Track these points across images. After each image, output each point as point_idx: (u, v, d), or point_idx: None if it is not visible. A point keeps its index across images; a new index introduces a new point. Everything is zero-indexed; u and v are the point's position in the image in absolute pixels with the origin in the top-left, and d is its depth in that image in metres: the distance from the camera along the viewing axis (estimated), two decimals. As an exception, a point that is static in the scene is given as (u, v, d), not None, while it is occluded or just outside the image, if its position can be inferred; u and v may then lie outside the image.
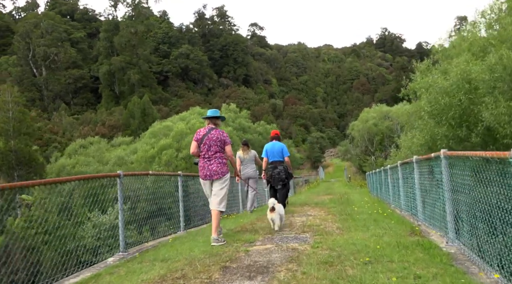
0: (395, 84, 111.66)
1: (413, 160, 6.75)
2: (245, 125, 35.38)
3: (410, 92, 13.57)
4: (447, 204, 4.72)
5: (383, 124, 46.97)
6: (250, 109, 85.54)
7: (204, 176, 5.58)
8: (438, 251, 4.26)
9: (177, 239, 6.24)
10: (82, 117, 73.96)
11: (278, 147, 8.40)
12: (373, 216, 7.24)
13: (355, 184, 36.22)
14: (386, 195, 11.46)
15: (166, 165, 25.12)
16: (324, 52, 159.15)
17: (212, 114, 5.82)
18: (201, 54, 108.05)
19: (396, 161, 13.41)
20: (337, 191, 20.94)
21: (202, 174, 5.58)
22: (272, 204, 6.12)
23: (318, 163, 68.01)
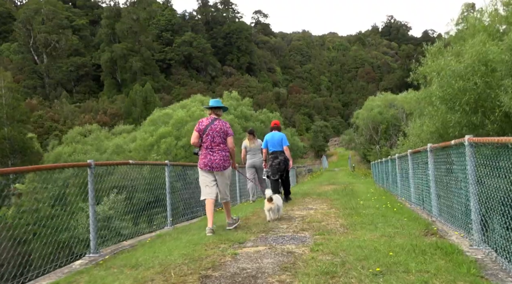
0: (401, 73, 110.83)
1: (427, 149, 5.99)
2: (247, 113, 34.55)
3: (419, 76, 12.71)
4: (472, 200, 3.97)
5: (388, 113, 45.91)
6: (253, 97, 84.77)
7: (204, 165, 5.46)
8: (463, 257, 3.53)
9: (161, 236, 5.54)
10: (83, 105, 73.36)
11: (278, 137, 8.41)
12: (381, 210, 6.51)
13: (359, 174, 35.47)
14: (394, 187, 10.72)
15: (165, 153, 24.42)
16: (329, 40, 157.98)
17: (214, 104, 5.68)
18: (205, 42, 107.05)
19: (403, 150, 12.64)
20: (340, 181, 20.21)
21: (203, 163, 5.46)
22: (269, 195, 5.96)
23: (322, 152, 67.29)
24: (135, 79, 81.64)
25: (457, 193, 4.76)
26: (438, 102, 10.36)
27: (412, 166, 7.81)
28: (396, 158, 9.83)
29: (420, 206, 7.17)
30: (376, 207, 6.98)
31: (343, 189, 12.23)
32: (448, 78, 9.75)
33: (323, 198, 9.39)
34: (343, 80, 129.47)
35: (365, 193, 10.48)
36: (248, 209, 7.66)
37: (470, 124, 9.58)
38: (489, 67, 9.06)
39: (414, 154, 7.58)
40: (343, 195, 9.92)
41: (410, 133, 14.44)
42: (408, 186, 8.39)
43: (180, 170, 8.55)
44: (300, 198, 9.67)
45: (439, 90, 10.14)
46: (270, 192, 6.06)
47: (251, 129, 10.28)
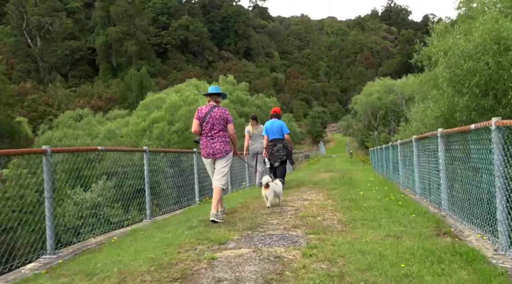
0: (400, 58, 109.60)
1: (437, 134, 5.29)
2: (243, 98, 33.68)
3: (423, 58, 11.91)
4: (498, 195, 3.29)
5: (387, 98, 45.12)
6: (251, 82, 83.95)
7: (207, 155, 5.45)
8: (489, 268, 2.87)
9: (134, 233, 4.87)
10: (78, 90, 72.20)
11: (278, 125, 8.44)
12: (383, 203, 5.84)
13: (357, 160, 34.91)
14: (395, 175, 10.07)
15: (157, 139, 23.66)
16: (328, 25, 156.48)
17: (213, 91, 5.62)
18: (201, 25, 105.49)
19: (405, 135, 11.97)
20: (338, 168, 19.57)
21: (205, 152, 5.45)
22: (266, 181, 5.96)
23: (319, 138, 66.65)
24: (131, 63, 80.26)
25: (476, 187, 4.08)
26: (445, 84, 9.59)
27: (417, 154, 7.13)
28: (398, 145, 9.15)
29: (426, 198, 6.51)
30: (377, 198, 6.31)
31: (341, 177, 11.58)
32: (457, 58, 8.98)
33: (320, 187, 8.73)
34: (341, 65, 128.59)
35: (365, 181, 9.83)
36: (237, 200, 7.00)
37: (479, 108, 8.86)
38: (502, 45, 8.32)
39: (420, 141, 6.89)
40: (341, 184, 9.27)
41: (413, 118, 13.64)
42: (412, 176, 7.73)
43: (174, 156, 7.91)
44: (295, 187, 9.01)
45: (446, 72, 9.37)
46: (267, 178, 6.03)
47: (254, 114, 10.21)
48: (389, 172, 11.33)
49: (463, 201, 4.55)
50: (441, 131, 5.24)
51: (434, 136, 5.56)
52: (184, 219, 5.34)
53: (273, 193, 5.97)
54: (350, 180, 10.34)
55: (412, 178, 7.68)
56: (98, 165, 9.11)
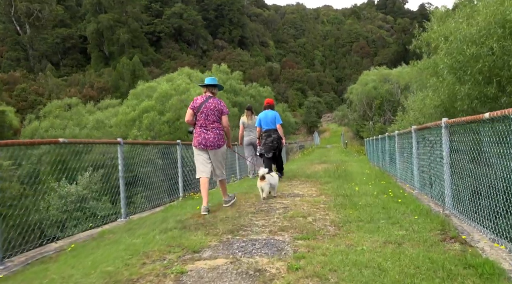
0: (396, 47, 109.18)
1: (442, 125, 4.76)
2: (237, 87, 32.97)
3: (422, 44, 11.33)
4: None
5: (383, 88, 44.56)
6: (245, 72, 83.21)
7: (198, 144, 5.40)
8: (511, 286, 2.36)
9: (102, 236, 4.33)
10: (70, 79, 71.01)
11: (271, 116, 8.49)
12: (380, 200, 5.33)
13: (352, 151, 34.50)
14: (392, 167, 9.58)
15: (147, 129, 23.00)
16: (324, 13, 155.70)
17: (210, 82, 5.61)
18: (195, 13, 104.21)
19: (403, 125, 11.48)
20: (332, 159, 19.10)
21: (197, 141, 5.40)
22: (262, 173, 5.90)
23: (314, 128, 66.20)
24: (123, 52, 78.95)
25: (488, 184, 3.57)
26: (446, 71, 9.03)
27: (417, 146, 6.61)
28: (396, 136, 8.63)
29: (426, 193, 6.01)
30: (374, 194, 5.80)
31: (335, 169, 11.08)
32: (458, 44, 8.42)
33: (313, 181, 8.22)
34: (337, 54, 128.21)
35: (360, 174, 9.33)
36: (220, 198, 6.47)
37: (482, 96, 8.33)
38: (507, 29, 7.77)
39: (420, 131, 6.37)
40: (335, 177, 8.76)
41: (410, 108, 13.05)
42: (410, 169, 7.23)
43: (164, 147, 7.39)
44: (287, 181, 8.50)
45: (447, 58, 8.81)
46: (264, 170, 5.99)
47: (249, 105, 10.25)
48: (385, 164, 10.85)
49: (471, 199, 4.05)
50: (446, 121, 4.72)
51: (437, 127, 5.04)
52: (161, 219, 4.80)
53: (269, 185, 5.94)
54: (345, 172, 9.84)
55: (410, 171, 7.18)
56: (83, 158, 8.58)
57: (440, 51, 9.61)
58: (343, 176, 8.95)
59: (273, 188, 6.13)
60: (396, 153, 8.70)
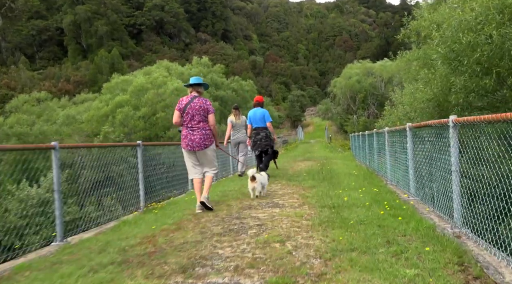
0: (378, 41, 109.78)
1: (449, 124, 3.87)
2: (218, 80, 31.78)
3: (411, 33, 10.49)
4: None
5: (367, 81, 44.11)
6: (228, 65, 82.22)
7: (186, 146, 5.39)
8: None
9: (18, 273, 3.29)
10: (45, 72, 68.58)
11: (261, 114, 8.50)
12: (374, 213, 4.43)
13: (336, 145, 33.86)
14: (381, 167, 8.74)
15: (121, 125, 21.69)
16: (307, 7, 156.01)
17: (194, 81, 5.53)
18: (177, 6, 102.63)
19: (391, 120, 10.67)
20: (317, 155, 18.27)
21: (185, 143, 5.39)
22: (252, 174, 5.99)
23: (298, 122, 65.56)
24: (102, 45, 76.63)
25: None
26: (440, 61, 8.22)
27: (413, 146, 5.75)
28: (386, 133, 7.78)
29: (426, 202, 5.15)
30: (365, 205, 4.90)
31: (320, 168, 10.21)
32: (453, 31, 7.60)
33: (295, 185, 7.31)
34: (320, 48, 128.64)
35: (347, 175, 8.46)
36: (191, 205, 5.49)
37: (479, 89, 7.55)
38: (506, 15, 6.98)
39: (418, 130, 5.50)
40: (320, 179, 7.86)
41: (399, 102, 12.17)
42: (404, 171, 6.38)
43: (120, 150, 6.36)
44: (266, 185, 7.57)
45: (441, 47, 8.00)
46: (252, 171, 6.04)
47: (236, 105, 10.39)
48: (373, 163, 10.02)
49: (492, 219, 3.18)
50: (454, 119, 3.83)
51: (442, 125, 4.16)
52: (101, 246, 3.80)
53: (260, 186, 6.01)
54: (330, 173, 8.96)
55: (404, 174, 6.33)
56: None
57: (432, 40, 8.78)
58: (328, 178, 8.07)
59: (263, 188, 6.16)
60: (386, 152, 7.85)
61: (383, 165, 8.43)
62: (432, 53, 8.84)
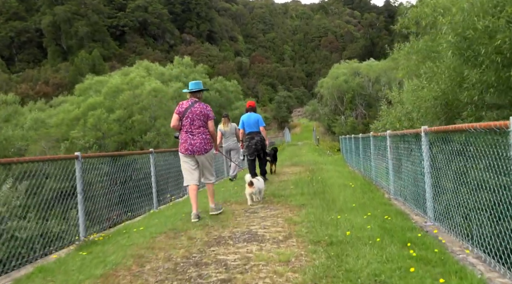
0: (364, 42, 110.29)
1: (511, 128, 2.55)
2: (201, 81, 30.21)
3: (410, 22, 9.20)
4: None
5: (354, 81, 43.11)
6: (214, 67, 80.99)
7: (185, 150, 5.32)
8: None
9: None
10: (23, 74, 66.14)
11: (254, 118, 8.57)
12: (393, 259, 3.07)
13: (324, 147, 32.69)
14: (381, 177, 7.43)
15: (93, 129, 19.98)
16: (292, 8, 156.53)
17: (194, 87, 5.48)
18: (161, 7, 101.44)
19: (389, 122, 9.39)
20: (305, 159, 16.98)
21: (183, 148, 5.33)
22: (249, 179, 5.97)
23: (285, 124, 64.41)
24: (83, 46, 74.49)
25: None
26: (450, 51, 6.97)
27: (430, 155, 4.44)
28: (388, 137, 6.48)
29: (459, 236, 3.80)
30: (376, 242, 3.54)
31: (310, 178, 8.88)
32: (465, 16, 6.39)
33: (280, 203, 5.95)
34: (306, 49, 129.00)
35: (342, 188, 7.13)
36: (131, 247, 4.05)
37: (499, 83, 6.33)
38: (531, -6, 5.82)
39: (441, 135, 4.17)
40: (310, 194, 6.52)
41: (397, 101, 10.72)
42: (414, 186, 5.07)
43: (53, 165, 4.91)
44: (245, 201, 6.21)
45: (451, 35, 6.77)
46: (249, 176, 6.04)
47: (226, 113, 10.66)
48: (370, 171, 8.72)
49: None
50: (504, 124, 2.50)
51: (489, 131, 2.84)
52: None
53: (258, 190, 5.98)
54: (322, 184, 7.62)
55: (416, 191, 5.02)
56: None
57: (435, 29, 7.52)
58: (320, 192, 6.72)
59: (259, 193, 6.12)
60: (388, 161, 6.54)
61: (384, 175, 7.13)
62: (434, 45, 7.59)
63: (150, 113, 20.15)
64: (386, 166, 6.76)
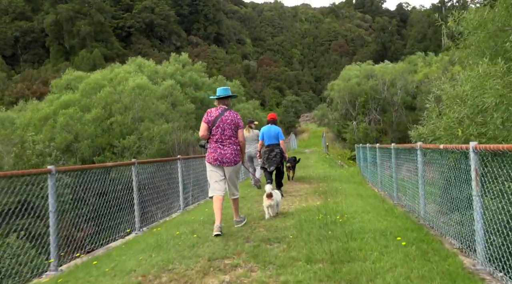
0: (375, 46, 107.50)
1: None
2: (198, 80, 27.38)
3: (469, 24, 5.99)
4: None
5: (367, 84, 39.96)
6: (221, 69, 78.61)
7: (214, 160, 5.14)
8: None
9: None
10: (23, 74, 64.22)
11: (274, 131, 8.71)
12: None
13: (335, 155, 29.65)
14: (445, 219, 4.41)
15: (64, 129, 17.05)
16: (302, 12, 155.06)
17: (223, 94, 5.26)
18: (168, 8, 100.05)
19: (442, 127, 6.31)
20: (314, 172, 14.00)
21: (212, 158, 5.14)
22: (269, 190, 5.81)
23: (292, 129, 61.45)
24: (85, 46, 72.43)
25: None
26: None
27: None
28: (472, 154, 3.49)
29: None
30: None
31: (322, 214, 5.88)
32: None
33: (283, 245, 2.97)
34: (315, 53, 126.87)
35: (377, 235, 4.12)
36: None
37: None
38: None
39: None
40: (321, 254, 3.52)
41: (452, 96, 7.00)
42: None
43: None
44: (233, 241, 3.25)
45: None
46: (269, 187, 5.92)
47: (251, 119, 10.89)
48: (416, 202, 5.70)
49: None
50: None
51: None
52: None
53: (276, 203, 5.84)
54: (344, 232, 4.59)
55: None
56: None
57: None
58: (339, 251, 3.71)
59: (277, 206, 5.96)
60: (475, 200, 3.51)
61: (443, 209, 4.08)
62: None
63: (133, 113, 17.33)
64: (460, 199, 3.70)
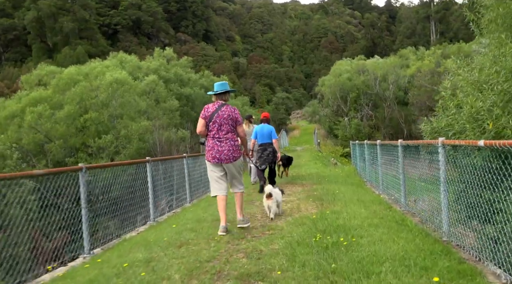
0: (365, 42, 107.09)
1: None
2: (184, 76, 26.07)
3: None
4: None
5: (359, 79, 38.98)
6: (210, 67, 77.22)
7: (212, 158, 5.01)
8: None
9: None
10: (3, 72, 62.01)
11: (267, 130, 8.76)
12: None
13: (327, 152, 28.64)
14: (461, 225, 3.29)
15: (31, 130, 15.66)
16: (291, 8, 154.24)
17: (220, 89, 5.06)
18: (155, 5, 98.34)
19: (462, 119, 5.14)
20: (306, 171, 12.83)
21: (210, 155, 5.01)
22: (268, 191, 5.69)
23: (283, 126, 60.44)
24: (69, 43, 70.31)
25: None
26: None
27: None
28: None
29: None
30: None
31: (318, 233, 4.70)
32: None
33: None
34: (305, 50, 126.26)
35: (398, 264, 2.96)
36: None
37: None
38: None
39: None
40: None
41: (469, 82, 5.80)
42: None
43: None
44: None
45: None
46: (269, 188, 5.80)
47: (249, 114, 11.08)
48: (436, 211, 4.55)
49: None
50: None
51: None
52: None
53: (276, 203, 5.68)
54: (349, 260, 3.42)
55: None
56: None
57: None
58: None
59: (278, 206, 5.81)
60: None
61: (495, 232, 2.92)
62: None
63: (110, 110, 16.05)
64: None
